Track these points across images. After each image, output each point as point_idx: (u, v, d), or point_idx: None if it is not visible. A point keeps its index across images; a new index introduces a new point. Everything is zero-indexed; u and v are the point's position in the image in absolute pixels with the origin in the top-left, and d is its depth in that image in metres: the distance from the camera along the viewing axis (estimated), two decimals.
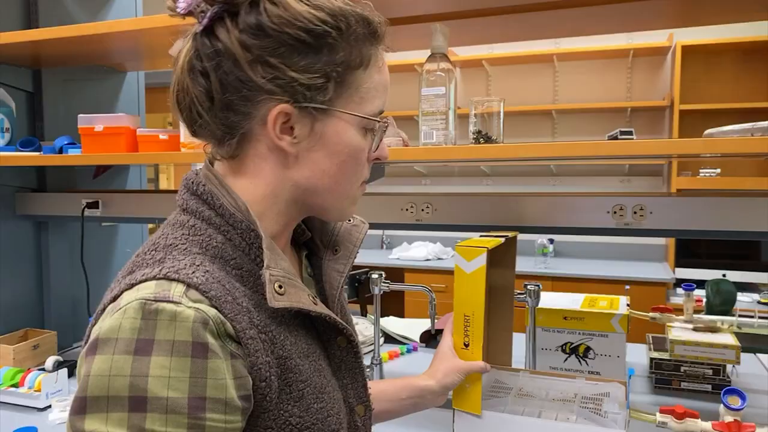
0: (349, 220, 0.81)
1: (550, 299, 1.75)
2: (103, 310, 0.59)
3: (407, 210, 1.37)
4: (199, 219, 0.65)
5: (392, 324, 2.13)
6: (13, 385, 1.51)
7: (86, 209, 1.68)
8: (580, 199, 1.25)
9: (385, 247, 4.56)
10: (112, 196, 1.72)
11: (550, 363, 1.64)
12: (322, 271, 0.78)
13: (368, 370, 1.53)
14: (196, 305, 0.56)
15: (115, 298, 0.59)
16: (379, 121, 0.68)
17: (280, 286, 0.63)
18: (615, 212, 1.22)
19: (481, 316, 0.97)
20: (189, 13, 0.64)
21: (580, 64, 3.95)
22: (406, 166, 4.24)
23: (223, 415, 0.55)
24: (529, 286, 1.43)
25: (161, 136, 1.41)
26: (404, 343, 1.98)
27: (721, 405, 0.99)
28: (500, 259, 1.18)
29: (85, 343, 0.58)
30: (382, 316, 2.27)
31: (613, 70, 3.89)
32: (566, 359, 1.64)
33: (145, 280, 0.58)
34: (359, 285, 3.24)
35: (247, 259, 0.64)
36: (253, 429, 0.60)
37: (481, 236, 1.08)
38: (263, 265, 0.63)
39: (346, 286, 1.91)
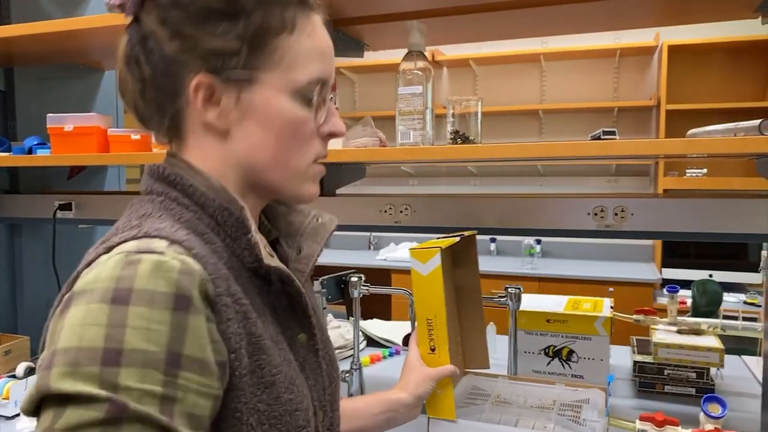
0: (317, 219, 0.78)
1: (533, 301, 1.73)
2: (77, 276, 0.56)
3: (386, 212, 1.34)
4: (167, 198, 0.63)
5: (376, 327, 2.10)
6: None
7: (59, 211, 1.63)
8: (560, 200, 1.22)
9: (372, 247, 4.53)
10: (86, 197, 1.67)
11: (533, 366, 1.62)
12: None
13: (347, 374, 1.50)
14: (181, 257, 0.54)
15: (89, 264, 0.56)
16: (314, 88, 0.64)
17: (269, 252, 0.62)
18: (596, 214, 1.20)
19: (444, 319, 0.94)
20: (114, 6, 0.63)
21: (567, 64, 3.94)
22: (393, 167, 4.21)
23: (199, 376, 0.52)
24: (509, 289, 1.41)
25: (133, 137, 1.37)
26: (387, 347, 1.95)
27: (701, 413, 0.97)
28: (462, 259, 1.16)
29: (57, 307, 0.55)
30: (367, 319, 2.24)
31: (600, 70, 3.88)
32: (549, 362, 1.62)
33: (124, 241, 0.55)
34: (345, 286, 3.21)
35: (218, 238, 0.62)
36: (221, 409, 0.56)
37: (438, 238, 1.05)
38: (233, 246, 0.62)
39: (325, 289, 1.88)
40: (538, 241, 3.97)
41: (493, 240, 4.21)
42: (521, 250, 3.85)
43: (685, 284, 2.83)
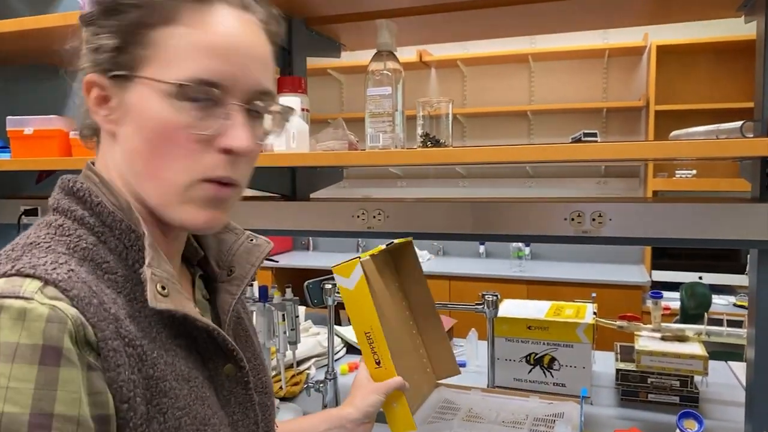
0: (251, 240, 0.72)
1: (514, 307, 1.69)
2: None
3: (358, 217, 1.29)
4: (69, 219, 0.58)
5: None
6: None
7: (24, 216, 1.58)
8: (536, 204, 1.18)
9: (361, 250, 4.48)
10: None
11: (514, 375, 1.58)
12: (217, 294, 0.69)
13: (321, 384, 1.46)
14: (53, 302, 0.48)
15: None
16: (201, 90, 0.55)
17: (164, 287, 0.55)
18: (573, 219, 1.16)
19: (380, 330, 0.92)
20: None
21: (555, 65, 3.91)
22: (381, 169, 4.17)
23: None
24: (486, 296, 1.37)
25: None
26: None
27: (677, 429, 0.93)
28: (405, 269, 1.14)
29: None
30: (350, 324, 2.19)
31: (589, 70, 3.85)
32: (531, 370, 1.58)
33: None
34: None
35: (122, 264, 0.57)
36: None
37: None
38: (141, 272, 0.56)
39: (309, 294, 1.81)
40: (528, 244, 3.93)
41: (482, 243, 4.17)
42: (509, 253, 3.81)
43: (675, 286, 2.80)
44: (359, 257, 0.95)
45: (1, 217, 1.68)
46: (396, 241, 1.19)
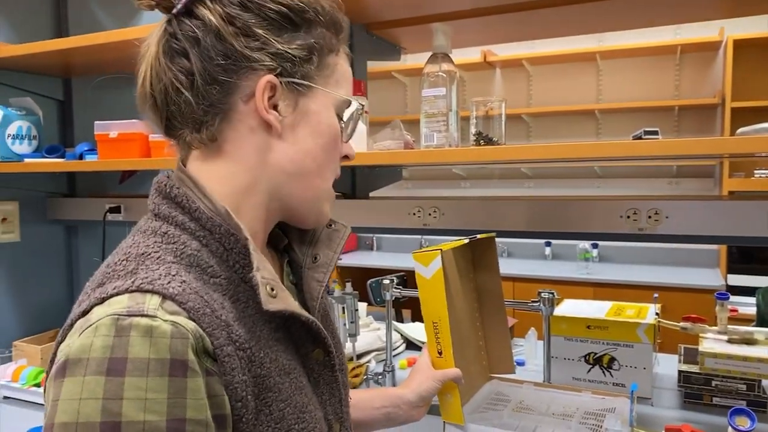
0: (330, 225, 0.77)
1: (574, 307, 1.68)
2: (71, 325, 0.55)
3: (414, 214, 1.34)
4: (172, 224, 0.62)
5: (416, 329, 2.09)
6: (35, 385, 1.56)
7: (108, 213, 1.72)
8: (590, 202, 1.19)
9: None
10: (134, 200, 1.75)
11: (572, 374, 1.57)
12: (303, 280, 0.74)
13: (380, 376, 1.50)
14: (173, 318, 0.53)
15: (84, 313, 0.55)
16: (355, 103, 0.69)
17: (272, 289, 0.60)
18: (628, 217, 1.16)
19: (447, 322, 0.94)
20: (157, 4, 0.63)
21: (624, 62, 3.81)
22: (444, 169, 4.19)
23: None
24: (543, 294, 1.37)
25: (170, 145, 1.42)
26: None
27: (729, 427, 0.92)
28: (483, 263, 1.14)
29: (52, 362, 0.55)
30: (411, 321, 2.24)
31: (660, 67, 3.73)
32: (590, 370, 1.57)
33: (117, 294, 0.55)
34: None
35: (225, 266, 0.61)
36: None
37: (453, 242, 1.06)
38: (242, 273, 0.60)
39: (372, 293, 1.87)
40: (595, 246, 3.85)
41: (548, 244, 4.11)
42: (575, 255, 3.74)
43: (752, 291, 2.68)
44: (441, 248, 0.96)
45: (88, 213, 1.83)
46: (479, 236, 1.19)
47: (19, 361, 1.70)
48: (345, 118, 0.69)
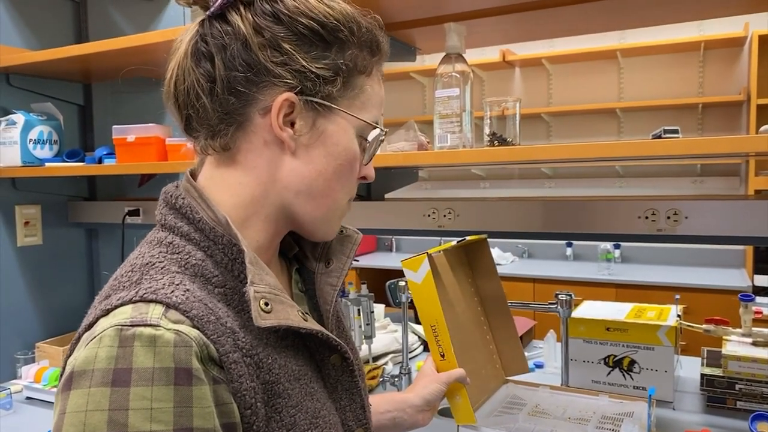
0: (342, 231, 0.76)
1: (594, 309, 1.66)
2: (79, 339, 0.56)
3: (429, 216, 1.33)
4: (177, 235, 0.62)
5: None
6: (56, 386, 1.58)
7: (127, 216, 1.74)
8: (608, 203, 1.17)
9: None
10: (153, 203, 1.77)
11: (592, 376, 1.55)
12: (315, 285, 0.74)
13: (396, 378, 1.50)
14: (177, 327, 0.53)
15: (90, 326, 0.56)
16: (378, 128, 0.67)
17: (267, 303, 0.59)
18: (647, 217, 1.13)
19: (444, 324, 0.94)
20: (195, 2, 0.63)
21: (646, 60, 3.75)
22: (463, 170, 4.16)
23: None
24: (560, 296, 1.36)
25: (188, 145, 1.43)
26: None
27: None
28: (480, 267, 1.14)
29: (61, 375, 0.55)
30: None
31: (683, 64, 3.67)
32: (609, 373, 1.55)
33: (121, 305, 0.55)
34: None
35: (230, 276, 0.61)
36: None
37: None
38: (246, 282, 0.60)
39: (391, 294, 1.86)
40: (617, 246, 3.80)
41: (569, 245, 4.07)
42: (597, 255, 3.70)
43: None
44: (428, 252, 0.97)
45: (107, 216, 1.86)
46: (468, 237, 1.20)
47: (42, 362, 1.73)
48: (369, 139, 0.67)
